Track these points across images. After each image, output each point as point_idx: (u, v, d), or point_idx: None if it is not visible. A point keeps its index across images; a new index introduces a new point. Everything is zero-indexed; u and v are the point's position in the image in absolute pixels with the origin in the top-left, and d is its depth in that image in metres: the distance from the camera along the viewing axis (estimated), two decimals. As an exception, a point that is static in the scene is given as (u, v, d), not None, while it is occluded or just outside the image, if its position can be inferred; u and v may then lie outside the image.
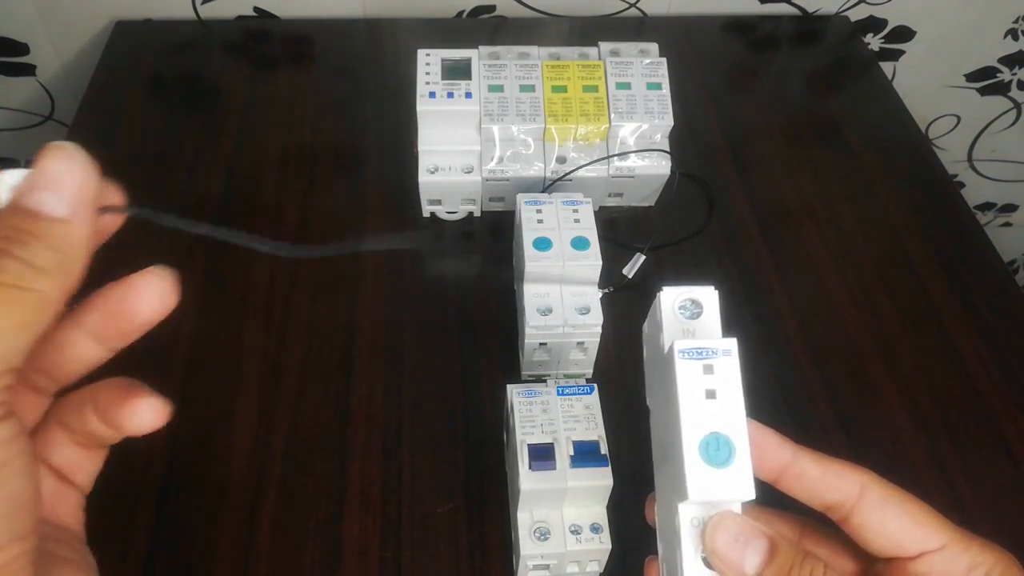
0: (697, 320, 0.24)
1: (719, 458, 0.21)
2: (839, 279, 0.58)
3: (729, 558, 0.21)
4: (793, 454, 0.24)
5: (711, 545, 0.21)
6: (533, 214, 0.49)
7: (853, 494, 0.24)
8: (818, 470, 0.24)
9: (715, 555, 0.21)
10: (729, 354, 0.23)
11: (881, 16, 0.82)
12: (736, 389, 0.22)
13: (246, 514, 0.44)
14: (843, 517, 0.24)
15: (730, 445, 0.22)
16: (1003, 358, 0.54)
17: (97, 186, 0.19)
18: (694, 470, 0.21)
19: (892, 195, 0.64)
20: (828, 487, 0.24)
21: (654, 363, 0.26)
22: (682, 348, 0.23)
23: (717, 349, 0.23)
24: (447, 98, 0.54)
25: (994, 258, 0.60)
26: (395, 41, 0.75)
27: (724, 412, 0.22)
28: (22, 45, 0.75)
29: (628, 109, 0.55)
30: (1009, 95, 0.93)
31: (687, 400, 0.22)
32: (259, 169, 0.62)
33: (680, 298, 0.24)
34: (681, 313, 0.24)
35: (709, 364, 0.22)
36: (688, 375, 0.22)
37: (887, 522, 0.23)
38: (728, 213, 0.61)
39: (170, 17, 0.74)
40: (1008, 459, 0.49)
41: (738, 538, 0.21)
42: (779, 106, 0.71)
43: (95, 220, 0.19)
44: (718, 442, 0.22)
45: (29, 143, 0.85)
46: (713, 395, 0.22)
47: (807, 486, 0.24)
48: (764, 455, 0.24)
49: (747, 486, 0.21)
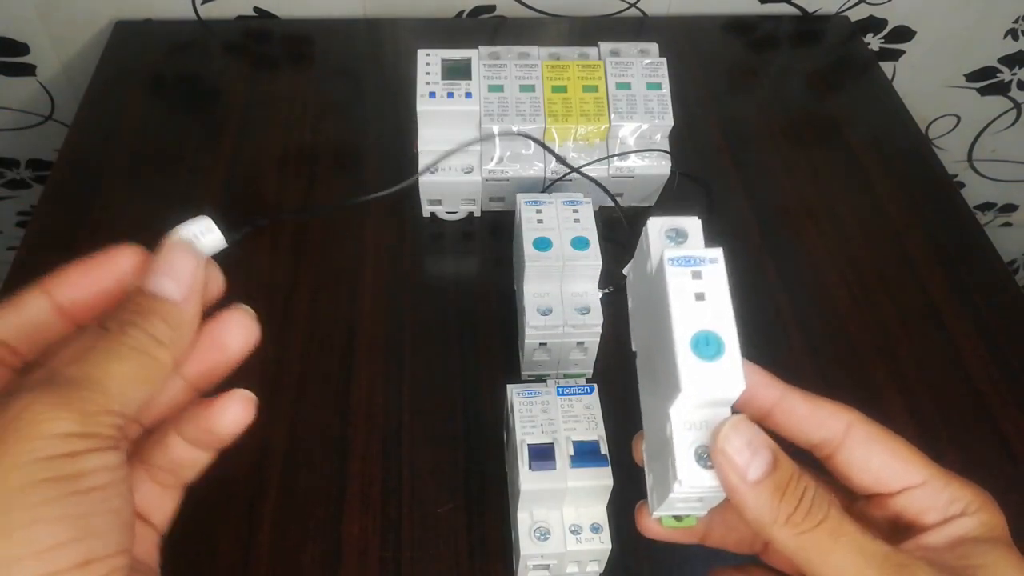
0: (682, 246, 0.25)
1: (709, 352, 0.22)
2: (839, 279, 0.58)
3: (736, 461, 0.21)
4: (782, 392, 0.25)
5: (722, 444, 0.22)
6: (533, 214, 0.49)
7: (839, 432, 0.25)
8: (806, 408, 0.25)
9: (723, 455, 0.21)
10: (716, 262, 0.23)
11: (881, 16, 0.82)
12: (724, 293, 0.23)
13: (246, 514, 0.44)
14: (828, 455, 0.25)
15: (719, 341, 0.22)
16: (1003, 358, 0.54)
17: (203, 276, 0.24)
18: (686, 365, 0.22)
19: (892, 195, 0.64)
20: (816, 425, 0.25)
21: (640, 298, 0.27)
22: (671, 257, 0.23)
23: (704, 257, 0.24)
24: (447, 98, 0.54)
25: (994, 258, 0.60)
26: (395, 41, 0.75)
27: (713, 312, 0.23)
28: (22, 45, 0.75)
29: (628, 109, 0.55)
30: (1009, 95, 0.93)
31: (677, 302, 0.23)
32: (259, 169, 0.62)
33: (666, 227, 0.25)
34: (667, 241, 0.25)
35: (697, 271, 0.23)
36: (678, 280, 0.23)
37: (871, 459, 0.24)
38: (728, 213, 0.61)
39: (170, 17, 0.74)
40: (1008, 458, 0.49)
41: (749, 444, 0.21)
42: (779, 106, 0.71)
43: (201, 303, 0.24)
44: (708, 339, 0.22)
45: (29, 143, 0.85)
46: (702, 297, 0.23)
47: (795, 424, 0.25)
48: (754, 393, 0.25)
49: (737, 378, 0.22)
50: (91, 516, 0.19)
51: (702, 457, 0.23)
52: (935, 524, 0.23)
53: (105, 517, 0.19)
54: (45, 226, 0.58)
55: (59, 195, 0.60)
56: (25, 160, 0.87)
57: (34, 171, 0.89)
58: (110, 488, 0.19)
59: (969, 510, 0.23)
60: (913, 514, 0.24)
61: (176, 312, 0.22)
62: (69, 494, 0.18)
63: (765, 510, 0.21)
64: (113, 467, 0.20)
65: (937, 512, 0.24)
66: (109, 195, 0.59)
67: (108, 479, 0.19)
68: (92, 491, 0.19)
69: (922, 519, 0.24)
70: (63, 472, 0.18)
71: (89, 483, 0.19)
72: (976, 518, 0.23)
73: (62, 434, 0.18)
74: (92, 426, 0.19)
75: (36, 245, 0.57)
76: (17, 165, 0.88)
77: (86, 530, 0.18)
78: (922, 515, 0.24)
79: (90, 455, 0.19)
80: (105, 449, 0.19)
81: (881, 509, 0.24)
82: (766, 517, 0.21)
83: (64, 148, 0.64)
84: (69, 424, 0.19)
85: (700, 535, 0.28)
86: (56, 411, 0.19)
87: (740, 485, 0.21)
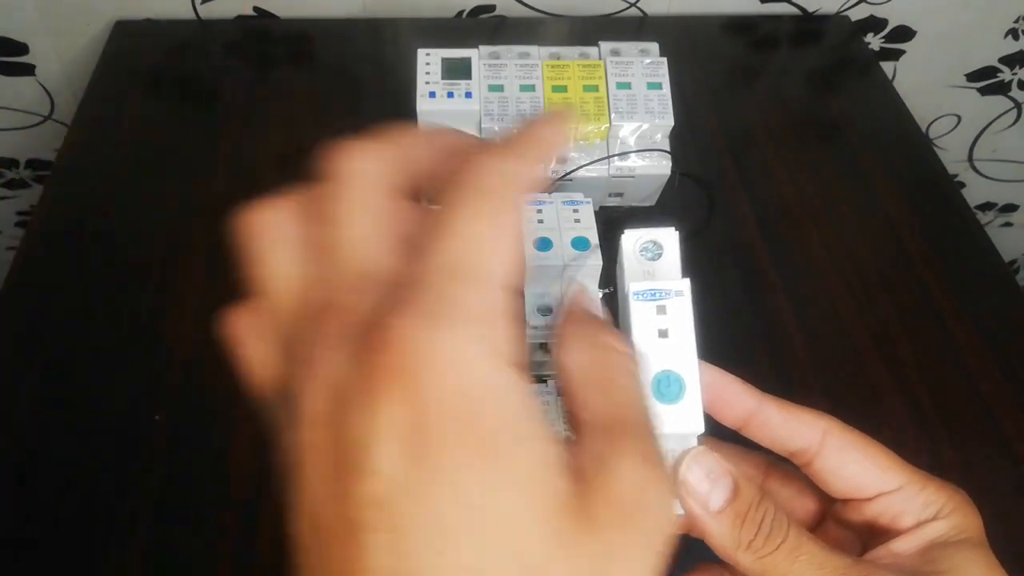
0: (657, 261, 0.25)
1: (670, 394, 0.22)
2: (839, 278, 0.58)
3: (697, 491, 0.22)
4: (758, 402, 0.25)
5: (684, 475, 0.22)
6: (533, 214, 0.48)
7: (815, 441, 0.25)
8: (781, 418, 0.25)
9: (685, 486, 0.22)
10: (681, 295, 0.23)
11: (881, 16, 0.82)
12: (688, 329, 0.23)
13: (246, 513, 0.44)
14: (806, 462, 0.25)
15: (680, 382, 0.23)
16: (1004, 358, 0.54)
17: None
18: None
19: (892, 195, 0.64)
20: (791, 434, 0.25)
21: (621, 302, 0.27)
22: (636, 290, 0.23)
23: (670, 290, 0.23)
24: (447, 98, 0.54)
25: (995, 258, 0.60)
26: (395, 41, 0.75)
27: (676, 351, 0.23)
28: (22, 45, 0.75)
29: (628, 109, 0.55)
30: (1009, 95, 0.93)
31: (641, 340, 0.23)
32: (259, 169, 0.62)
33: (641, 240, 0.25)
34: (643, 255, 0.25)
35: (662, 305, 0.23)
36: (642, 316, 0.23)
37: (847, 466, 0.24)
38: (728, 213, 0.61)
39: (170, 17, 0.74)
40: (1009, 459, 0.49)
41: (709, 475, 0.22)
42: (780, 106, 0.71)
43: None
44: (669, 379, 0.23)
45: (29, 143, 0.85)
46: (666, 334, 0.23)
47: (771, 433, 0.25)
48: (730, 403, 0.25)
49: (696, 420, 0.22)
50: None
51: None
52: (908, 528, 0.24)
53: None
54: (45, 226, 0.58)
55: (59, 195, 0.60)
56: (25, 160, 0.87)
57: (34, 171, 0.88)
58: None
59: (942, 513, 0.24)
60: (888, 519, 0.24)
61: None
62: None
63: (728, 538, 0.22)
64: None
65: (911, 516, 0.24)
66: (108, 195, 0.59)
67: None
68: None
69: (897, 524, 0.24)
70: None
71: None
72: (948, 521, 0.23)
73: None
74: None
75: (36, 245, 0.57)
76: (17, 165, 0.87)
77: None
78: (897, 520, 0.24)
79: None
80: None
81: (859, 513, 0.25)
82: (728, 544, 0.22)
83: (63, 148, 0.64)
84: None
85: (684, 525, 0.28)
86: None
87: (703, 514, 0.22)
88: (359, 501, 0.16)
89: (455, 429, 0.16)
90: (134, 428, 0.47)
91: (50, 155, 0.86)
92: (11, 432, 0.47)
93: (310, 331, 0.18)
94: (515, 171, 0.18)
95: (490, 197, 0.18)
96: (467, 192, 0.18)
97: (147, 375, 0.50)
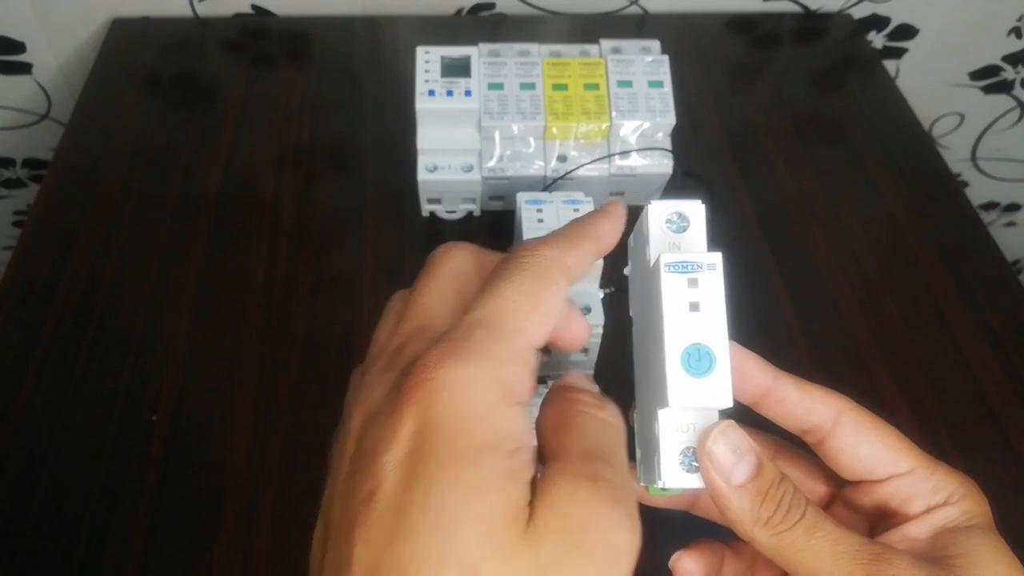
0: (683, 234, 0.25)
1: (700, 368, 0.22)
2: (842, 278, 0.57)
3: (722, 465, 0.22)
4: (775, 378, 0.25)
5: (710, 447, 0.22)
6: (534, 213, 0.48)
7: (830, 419, 0.25)
8: (798, 395, 0.25)
9: (710, 458, 0.22)
10: (714, 268, 0.23)
11: (884, 14, 0.81)
12: (719, 303, 0.23)
13: (245, 514, 0.44)
14: (818, 441, 0.25)
15: (711, 356, 0.22)
16: (1007, 358, 0.53)
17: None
18: (675, 379, 0.22)
19: (895, 194, 0.63)
20: (806, 411, 0.25)
21: (638, 275, 0.27)
22: (668, 262, 0.23)
23: (702, 263, 0.23)
24: (446, 96, 0.53)
25: (998, 258, 0.60)
26: (394, 39, 0.74)
27: (706, 324, 0.22)
28: (18, 43, 0.75)
29: (629, 107, 0.55)
30: (1013, 93, 0.92)
31: (671, 312, 0.22)
32: (257, 167, 0.61)
33: (668, 211, 0.25)
34: (668, 227, 0.25)
35: (694, 278, 0.23)
36: (673, 288, 0.23)
37: (860, 446, 0.25)
38: (730, 212, 0.61)
39: (167, 15, 0.74)
40: (1012, 459, 0.48)
41: (735, 450, 0.22)
42: (782, 104, 0.70)
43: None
44: (699, 353, 0.22)
45: (25, 142, 0.84)
46: (697, 308, 0.23)
47: (786, 410, 0.25)
48: (746, 378, 0.25)
49: (725, 395, 0.22)
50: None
51: (687, 456, 0.23)
52: (919, 513, 0.24)
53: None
54: (41, 225, 0.58)
55: (55, 194, 0.60)
56: (21, 159, 0.87)
57: (30, 170, 0.88)
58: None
59: (952, 499, 0.24)
60: (899, 502, 0.24)
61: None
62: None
63: (747, 512, 0.22)
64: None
65: (922, 500, 0.24)
66: (106, 194, 0.59)
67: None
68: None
69: (907, 507, 0.24)
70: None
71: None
72: (958, 507, 0.24)
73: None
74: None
75: (32, 245, 0.56)
76: (13, 164, 0.87)
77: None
78: (907, 503, 0.24)
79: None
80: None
81: (869, 496, 0.25)
82: (747, 519, 0.22)
83: (60, 147, 0.63)
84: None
85: (688, 503, 0.28)
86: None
87: (724, 488, 0.22)
88: (358, 500, 0.19)
89: (444, 442, 0.18)
90: (131, 429, 0.47)
91: (46, 154, 0.86)
92: (7, 432, 0.47)
93: (374, 368, 0.22)
94: (558, 256, 0.23)
95: (530, 273, 0.22)
96: (511, 267, 0.22)
97: (144, 375, 0.49)
